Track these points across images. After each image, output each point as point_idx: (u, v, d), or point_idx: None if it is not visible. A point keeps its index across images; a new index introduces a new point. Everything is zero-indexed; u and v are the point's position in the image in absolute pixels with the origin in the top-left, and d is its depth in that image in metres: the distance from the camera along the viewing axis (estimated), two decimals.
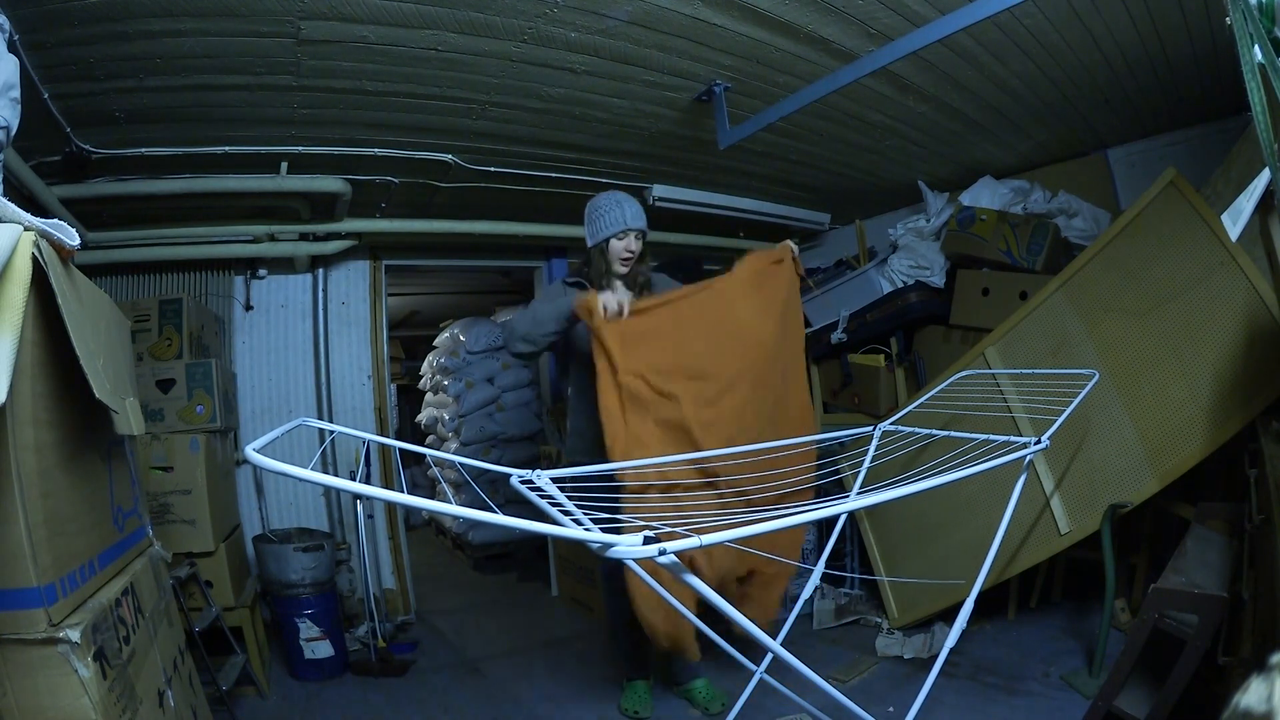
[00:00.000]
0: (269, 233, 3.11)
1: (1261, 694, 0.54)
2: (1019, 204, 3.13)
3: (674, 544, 0.87)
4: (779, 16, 1.93)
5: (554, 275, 4.11)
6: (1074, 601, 2.73)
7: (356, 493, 0.86)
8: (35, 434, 1.00)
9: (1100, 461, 2.24)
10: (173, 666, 1.46)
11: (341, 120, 2.34)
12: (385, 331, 3.67)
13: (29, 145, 2.08)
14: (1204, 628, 1.54)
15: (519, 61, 2.06)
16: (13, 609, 0.96)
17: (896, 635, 2.60)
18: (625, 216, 2.19)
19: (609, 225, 2.19)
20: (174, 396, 2.58)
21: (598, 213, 2.22)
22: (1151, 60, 2.31)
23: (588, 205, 2.27)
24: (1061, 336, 2.44)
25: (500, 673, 2.78)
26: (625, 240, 2.20)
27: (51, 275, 1.00)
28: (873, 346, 3.38)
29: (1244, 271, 2.00)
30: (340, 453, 3.45)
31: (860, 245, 3.93)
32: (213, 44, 1.81)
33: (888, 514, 2.78)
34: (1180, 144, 2.92)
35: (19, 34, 1.55)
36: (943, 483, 1.25)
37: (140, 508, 1.55)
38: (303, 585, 2.73)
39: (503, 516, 0.82)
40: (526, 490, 1.37)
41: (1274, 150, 1.14)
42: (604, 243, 2.21)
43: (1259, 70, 1.11)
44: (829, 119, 2.66)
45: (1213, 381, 2.04)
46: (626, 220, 2.18)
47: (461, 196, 3.09)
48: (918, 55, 2.00)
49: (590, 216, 2.25)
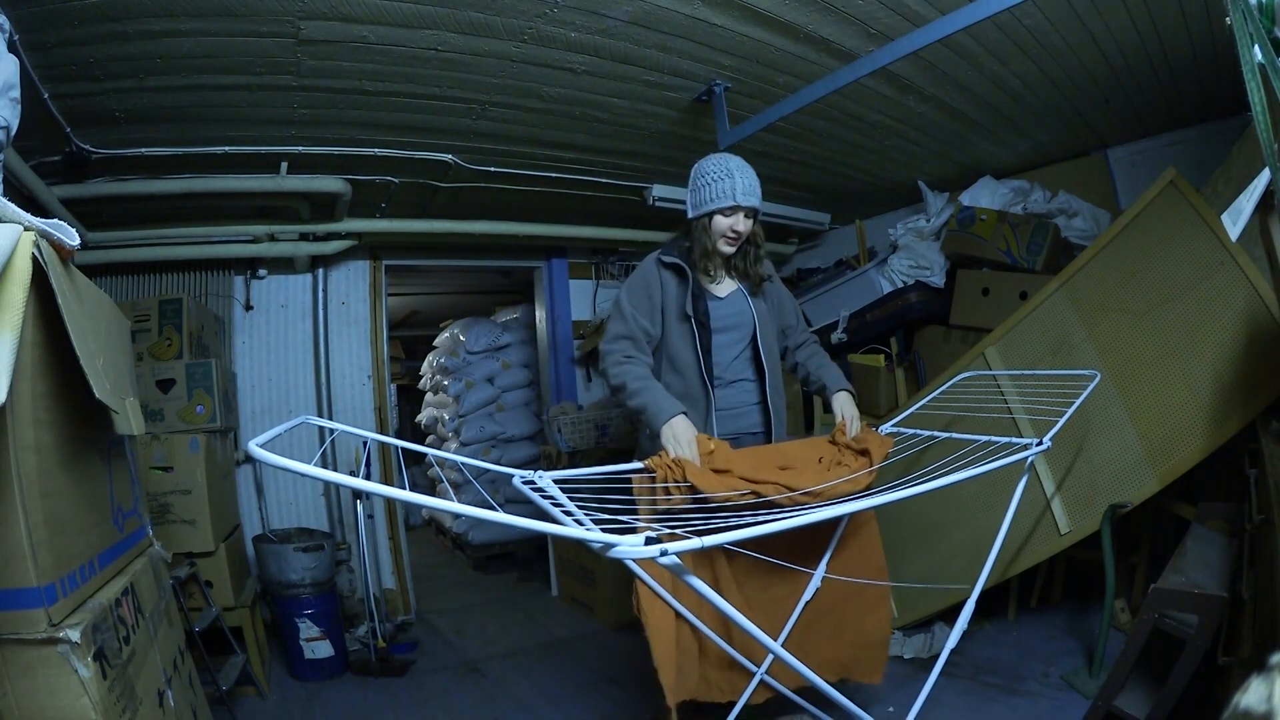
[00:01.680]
0: (269, 233, 3.11)
1: (1261, 694, 0.54)
2: (1019, 204, 3.14)
3: (675, 545, 0.87)
4: (779, 16, 1.93)
5: (554, 275, 4.11)
6: (1074, 601, 2.73)
7: (359, 489, 0.86)
8: (35, 434, 1.00)
9: (1100, 461, 2.24)
10: (173, 666, 1.46)
11: (341, 120, 2.34)
12: (385, 331, 3.68)
13: (29, 145, 2.08)
14: (1204, 628, 1.54)
15: (519, 61, 2.06)
16: (13, 609, 0.96)
17: (897, 635, 2.59)
18: (735, 190, 1.84)
19: (714, 198, 1.86)
20: (174, 396, 2.58)
21: (703, 180, 1.89)
22: (1151, 60, 2.31)
23: (694, 170, 1.94)
24: (1061, 336, 2.44)
25: (500, 673, 2.78)
26: (732, 218, 1.87)
27: (51, 275, 1.00)
28: (873, 346, 3.39)
29: (1244, 271, 2.00)
30: (341, 452, 3.45)
31: (860, 245, 3.93)
32: (213, 44, 1.81)
33: (888, 515, 2.77)
34: (1180, 144, 2.92)
35: (19, 34, 1.55)
36: (944, 485, 1.25)
37: (140, 508, 1.55)
38: (303, 585, 2.73)
39: (504, 515, 0.82)
40: (529, 491, 1.37)
41: (1274, 150, 1.14)
42: (706, 217, 1.89)
43: (1259, 70, 1.11)
44: (829, 119, 2.66)
45: (1213, 381, 2.04)
46: (736, 195, 1.84)
47: (461, 196, 3.09)
48: (918, 55, 2.00)
49: (694, 183, 1.92)
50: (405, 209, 3.25)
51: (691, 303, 1.90)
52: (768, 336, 1.99)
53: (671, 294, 1.94)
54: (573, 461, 3.43)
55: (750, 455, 1.73)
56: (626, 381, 1.79)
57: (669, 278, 1.94)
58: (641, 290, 1.93)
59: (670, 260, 1.93)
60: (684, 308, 1.91)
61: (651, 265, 1.95)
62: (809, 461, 1.76)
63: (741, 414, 1.97)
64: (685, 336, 1.91)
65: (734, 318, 1.98)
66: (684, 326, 1.92)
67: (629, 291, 1.95)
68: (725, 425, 1.93)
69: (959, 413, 2.34)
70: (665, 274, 1.94)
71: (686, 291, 1.92)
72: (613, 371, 1.84)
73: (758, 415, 1.99)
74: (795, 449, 1.83)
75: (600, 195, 3.21)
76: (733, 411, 1.96)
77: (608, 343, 1.90)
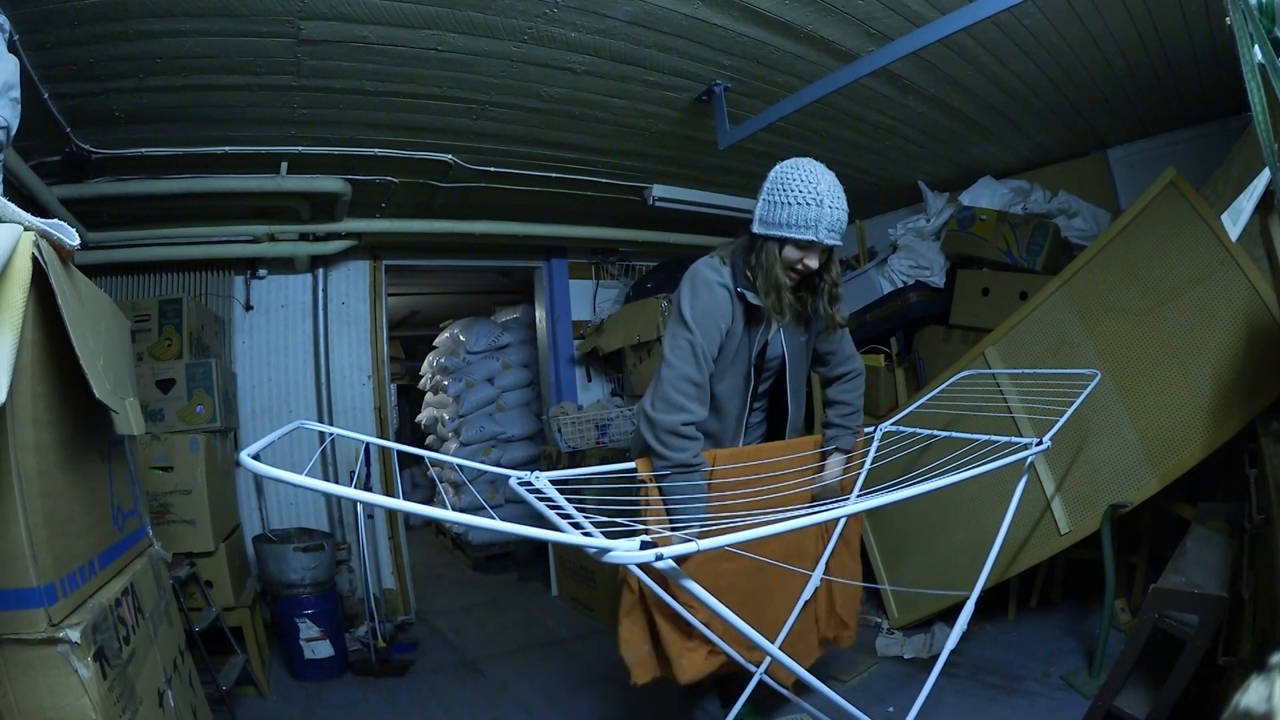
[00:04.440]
0: (269, 233, 3.11)
1: (1261, 694, 0.54)
2: (1019, 204, 3.14)
3: (670, 549, 0.87)
4: (779, 16, 1.93)
5: (554, 275, 4.11)
6: (1074, 601, 2.73)
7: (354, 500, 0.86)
8: (35, 434, 1.00)
9: (1100, 461, 2.24)
10: (173, 666, 1.46)
11: (341, 120, 2.34)
12: (385, 331, 3.68)
13: (29, 145, 2.08)
14: (1204, 628, 1.54)
15: (519, 61, 2.06)
16: (13, 609, 0.96)
17: (896, 635, 2.59)
18: (820, 223, 1.59)
19: (792, 223, 1.60)
20: (174, 396, 2.58)
21: (784, 195, 1.62)
22: (1151, 60, 2.31)
23: (774, 174, 1.67)
24: (1061, 336, 2.44)
25: (500, 673, 2.78)
26: (805, 253, 1.64)
27: (51, 275, 1.00)
28: (873, 346, 3.38)
29: (1244, 271, 2.00)
30: (341, 453, 3.45)
31: (860, 245, 3.93)
32: (213, 44, 1.81)
33: (888, 515, 2.78)
34: (1180, 144, 2.92)
35: (19, 34, 1.56)
36: (944, 485, 1.25)
37: (140, 508, 1.55)
38: (303, 585, 2.73)
39: (499, 523, 0.81)
40: (525, 492, 1.37)
41: (1274, 150, 1.14)
42: (776, 243, 1.65)
43: (1259, 70, 1.11)
44: (829, 119, 2.66)
45: (1213, 381, 2.04)
46: (820, 230, 1.59)
47: (461, 196, 3.09)
48: (918, 55, 2.00)
49: (771, 194, 1.64)
50: (405, 209, 3.25)
51: (757, 347, 1.73)
52: (796, 378, 1.84)
53: (738, 332, 1.71)
54: (573, 461, 3.43)
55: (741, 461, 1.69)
56: (679, 461, 1.59)
57: (740, 312, 1.70)
58: (712, 320, 1.66)
59: (750, 300, 1.68)
60: (750, 353, 1.73)
61: (723, 292, 1.68)
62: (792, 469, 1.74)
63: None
64: (738, 382, 1.75)
65: (774, 361, 1.82)
66: (738, 369, 1.74)
67: (699, 318, 1.65)
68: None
69: (959, 412, 2.34)
70: (738, 307, 1.70)
71: (756, 334, 1.73)
72: (671, 443, 1.58)
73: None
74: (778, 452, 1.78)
75: (600, 195, 3.21)
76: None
77: (673, 384, 1.62)
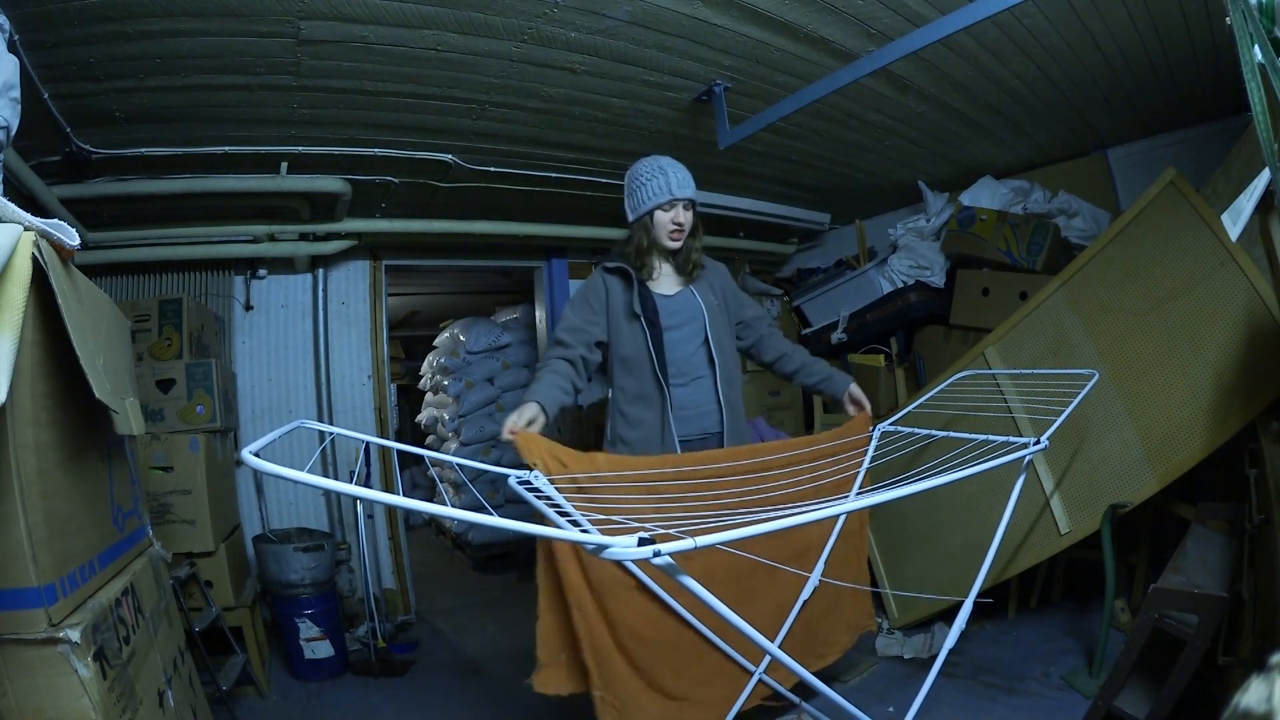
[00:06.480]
0: (269, 233, 3.10)
1: (1261, 694, 0.55)
2: (1019, 204, 3.14)
3: (669, 545, 0.87)
4: (779, 16, 1.94)
5: (554, 275, 4.11)
6: (1074, 601, 2.73)
7: (354, 496, 0.86)
8: (35, 434, 1.00)
9: (1100, 461, 2.24)
10: (173, 666, 1.46)
11: (341, 120, 2.34)
12: (385, 331, 3.67)
13: (29, 145, 2.08)
14: (1204, 628, 1.54)
15: (519, 61, 2.06)
16: (13, 609, 0.96)
17: (896, 635, 2.59)
18: (670, 184, 1.90)
19: (651, 195, 1.91)
20: (174, 396, 2.58)
21: (637, 181, 1.95)
22: (1151, 60, 2.31)
23: (627, 175, 2.00)
24: (1061, 336, 2.44)
25: (500, 673, 2.77)
26: (672, 211, 1.92)
27: (51, 275, 1.00)
28: (873, 346, 3.39)
29: (1244, 271, 2.00)
30: (340, 452, 3.45)
31: (860, 245, 3.93)
32: (213, 44, 1.81)
33: (887, 514, 2.78)
34: (1180, 144, 2.92)
35: (19, 34, 1.55)
36: (942, 483, 1.25)
37: (140, 508, 1.55)
38: (303, 585, 2.73)
39: (498, 519, 0.82)
40: (524, 491, 1.37)
41: (1274, 150, 1.14)
42: (647, 216, 1.93)
43: (1259, 70, 1.11)
44: (829, 119, 2.66)
45: (1213, 381, 2.04)
46: (672, 189, 1.90)
47: (461, 196, 3.09)
48: (918, 55, 2.00)
49: (630, 187, 1.98)
50: (405, 209, 3.25)
51: (639, 302, 1.91)
52: (718, 330, 1.99)
53: (617, 297, 1.95)
54: None
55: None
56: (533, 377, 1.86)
57: (614, 282, 1.96)
58: (581, 298, 1.97)
59: (613, 265, 1.97)
60: (631, 307, 1.92)
61: (595, 274, 2.00)
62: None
63: (701, 415, 1.95)
64: (636, 335, 1.92)
65: (684, 314, 1.98)
66: (633, 325, 1.92)
67: (570, 302, 2.00)
68: (685, 427, 1.91)
69: (958, 412, 2.34)
70: (609, 279, 1.96)
71: (633, 292, 1.93)
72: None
73: (715, 415, 1.96)
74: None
75: (600, 195, 3.21)
76: (692, 412, 1.93)
77: (554, 336, 1.96)
